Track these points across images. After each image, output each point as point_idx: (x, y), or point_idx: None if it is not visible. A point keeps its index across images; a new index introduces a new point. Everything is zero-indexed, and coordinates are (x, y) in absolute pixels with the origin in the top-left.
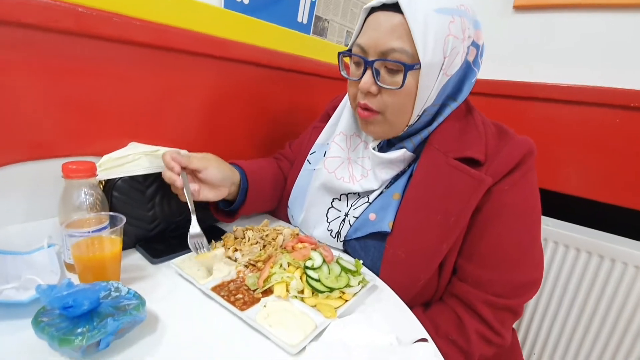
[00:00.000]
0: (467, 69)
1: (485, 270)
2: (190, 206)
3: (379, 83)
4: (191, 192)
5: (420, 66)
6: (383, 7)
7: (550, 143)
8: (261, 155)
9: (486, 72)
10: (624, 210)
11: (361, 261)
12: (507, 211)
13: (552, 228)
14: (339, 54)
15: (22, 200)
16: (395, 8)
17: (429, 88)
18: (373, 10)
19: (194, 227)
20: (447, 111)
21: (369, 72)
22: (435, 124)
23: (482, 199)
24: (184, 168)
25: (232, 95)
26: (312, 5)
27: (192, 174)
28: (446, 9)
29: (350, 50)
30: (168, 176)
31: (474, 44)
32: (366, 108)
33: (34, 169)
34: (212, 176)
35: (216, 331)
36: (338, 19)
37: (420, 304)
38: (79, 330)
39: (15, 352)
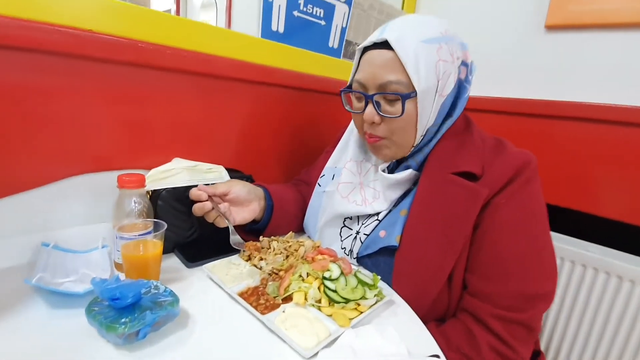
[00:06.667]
0: (460, 86)
1: (489, 282)
2: (228, 223)
3: (380, 113)
4: (224, 212)
5: (416, 93)
6: (374, 46)
7: (581, 163)
8: (289, 170)
9: (516, 91)
10: None
11: (379, 276)
12: (504, 223)
13: (574, 249)
14: (340, 91)
15: (84, 205)
16: (386, 45)
17: (428, 110)
18: (366, 49)
19: (234, 235)
20: (444, 128)
21: (370, 105)
22: (434, 141)
23: (481, 212)
24: (210, 197)
25: (266, 115)
26: (343, 31)
27: (220, 199)
28: (432, 38)
29: (350, 86)
30: (199, 207)
31: (464, 63)
32: (372, 136)
33: (94, 179)
34: (239, 192)
35: (239, 330)
36: None
37: (434, 319)
38: (123, 319)
39: (70, 334)
